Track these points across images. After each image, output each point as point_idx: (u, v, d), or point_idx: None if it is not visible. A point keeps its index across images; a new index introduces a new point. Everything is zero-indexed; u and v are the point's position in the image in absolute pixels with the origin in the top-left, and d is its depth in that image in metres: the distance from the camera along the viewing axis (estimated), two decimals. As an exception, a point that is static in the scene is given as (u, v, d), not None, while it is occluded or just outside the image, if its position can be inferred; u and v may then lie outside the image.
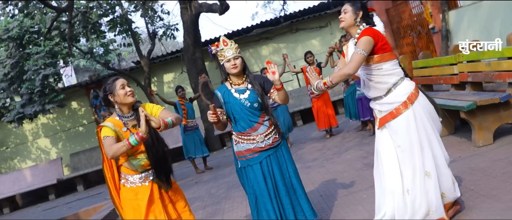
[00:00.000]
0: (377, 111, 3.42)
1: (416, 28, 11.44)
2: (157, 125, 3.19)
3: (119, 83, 3.42)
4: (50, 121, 14.52)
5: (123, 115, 3.46)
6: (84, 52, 14.62)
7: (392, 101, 3.31)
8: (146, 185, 3.47)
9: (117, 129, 3.38)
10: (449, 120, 6.14)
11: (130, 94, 3.42)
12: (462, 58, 6.29)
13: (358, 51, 3.19)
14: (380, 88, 3.33)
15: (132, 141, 3.15)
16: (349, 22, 3.38)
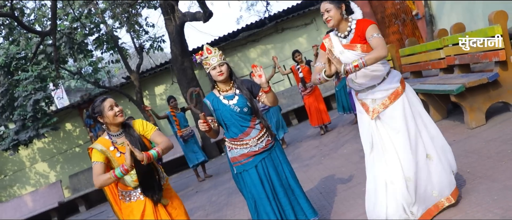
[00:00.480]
0: (369, 101, 3.37)
1: (400, 16, 11.48)
2: (140, 158, 3.18)
3: (108, 105, 3.43)
4: (46, 145, 14.46)
5: (113, 133, 3.48)
6: (73, 73, 14.59)
7: (387, 88, 3.33)
8: (141, 200, 3.49)
9: (105, 149, 3.40)
10: (441, 104, 6.17)
11: (119, 115, 3.44)
12: (448, 41, 6.32)
13: (378, 36, 3.18)
14: (376, 76, 3.33)
15: (117, 173, 3.19)
16: (337, 18, 3.32)
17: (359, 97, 3.47)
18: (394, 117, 3.32)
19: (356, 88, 3.44)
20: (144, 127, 3.53)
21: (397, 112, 3.32)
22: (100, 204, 12.39)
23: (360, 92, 3.43)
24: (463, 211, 3.31)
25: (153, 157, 3.27)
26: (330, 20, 3.33)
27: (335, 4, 3.33)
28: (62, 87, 20.29)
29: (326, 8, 3.33)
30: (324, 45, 3.46)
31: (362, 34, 3.29)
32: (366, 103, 3.42)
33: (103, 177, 3.27)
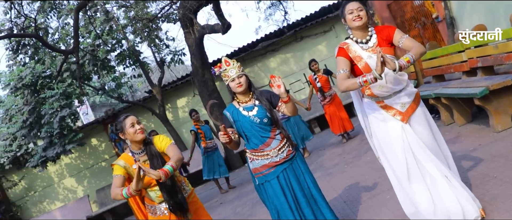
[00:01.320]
0: (399, 105, 3.36)
1: (420, 19, 11.35)
2: (157, 177, 3.19)
3: (129, 122, 3.51)
4: (73, 160, 14.72)
5: (135, 151, 3.55)
6: (97, 89, 14.85)
7: (412, 92, 3.39)
8: (165, 215, 3.55)
9: (127, 166, 3.50)
10: (465, 108, 6.06)
11: (140, 132, 3.52)
12: (470, 44, 6.22)
13: (408, 36, 3.27)
14: (403, 80, 3.37)
15: (123, 193, 3.23)
16: (365, 20, 3.34)
17: (386, 103, 3.41)
18: (420, 123, 3.38)
19: (384, 94, 3.39)
20: (160, 142, 3.60)
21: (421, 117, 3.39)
22: (127, 217, 12.51)
23: (387, 98, 3.40)
24: (490, 217, 3.24)
25: (170, 172, 3.27)
26: (361, 18, 3.31)
27: (364, 7, 3.36)
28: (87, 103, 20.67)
29: (358, 7, 3.32)
30: (346, 51, 3.38)
31: (388, 38, 3.32)
32: (395, 108, 3.38)
33: (115, 191, 3.34)
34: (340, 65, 3.34)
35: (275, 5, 14.75)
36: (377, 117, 3.45)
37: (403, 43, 3.25)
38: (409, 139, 3.34)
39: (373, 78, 3.02)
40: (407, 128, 3.35)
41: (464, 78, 6.40)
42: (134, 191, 3.17)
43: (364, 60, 3.33)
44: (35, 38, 11.24)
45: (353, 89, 3.25)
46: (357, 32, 3.39)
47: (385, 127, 3.42)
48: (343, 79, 3.25)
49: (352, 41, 3.43)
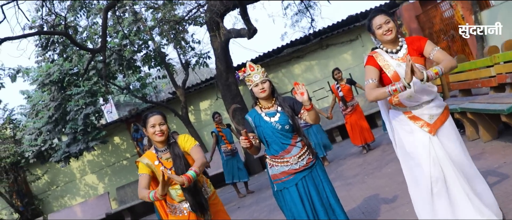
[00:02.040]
0: (427, 116, 3.32)
1: (449, 32, 11.19)
2: (181, 183, 3.25)
3: (151, 122, 3.56)
4: (95, 158, 14.93)
5: (158, 149, 3.60)
6: (122, 88, 15.05)
7: (441, 105, 3.36)
8: (185, 215, 3.57)
9: (150, 163, 3.55)
10: (491, 125, 5.93)
11: (159, 134, 3.55)
12: (499, 59, 6.10)
13: (439, 49, 3.26)
14: (431, 92, 3.33)
15: (150, 196, 3.27)
16: (396, 32, 3.34)
17: (414, 114, 3.36)
18: (449, 137, 3.32)
19: (412, 104, 3.34)
20: (185, 143, 3.62)
21: (450, 131, 3.34)
22: (146, 216, 12.62)
23: (415, 109, 3.35)
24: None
25: (193, 178, 3.31)
26: (391, 31, 3.30)
27: (391, 18, 3.34)
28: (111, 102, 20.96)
29: (385, 20, 3.31)
30: (375, 60, 3.37)
31: (418, 49, 3.30)
32: (423, 120, 3.33)
33: (143, 193, 3.38)
34: (369, 75, 3.33)
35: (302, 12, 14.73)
36: (404, 128, 3.40)
37: (434, 55, 3.23)
38: (437, 152, 3.28)
39: (402, 86, 3.02)
40: (435, 140, 3.30)
41: (492, 94, 6.27)
42: (160, 196, 3.22)
43: (393, 68, 3.30)
44: (64, 36, 11.47)
45: (382, 98, 3.23)
46: (388, 44, 3.39)
47: (412, 138, 3.36)
48: (372, 89, 3.24)
49: (382, 50, 3.41)
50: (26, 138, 13.54)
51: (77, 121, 12.32)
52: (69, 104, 12.33)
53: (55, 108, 12.54)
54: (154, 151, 3.63)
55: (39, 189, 14.86)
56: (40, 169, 14.53)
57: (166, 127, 3.60)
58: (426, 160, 3.29)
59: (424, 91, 3.31)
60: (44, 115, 12.71)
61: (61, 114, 12.59)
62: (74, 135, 12.47)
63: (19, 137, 14.50)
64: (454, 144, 3.32)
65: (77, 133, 12.40)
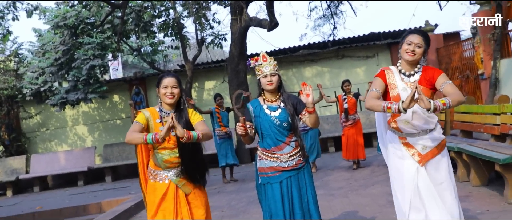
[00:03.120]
0: (420, 146, 3.32)
1: (465, 71, 11.16)
2: (181, 135, 3.27)
3: (164, 83, 3.58)
4: (90, 110, 14.95)
5: (164, 110, 3.63)
6: (133, 49, 15.02)
7: (438, 138, 3.35)
8: (166, 183, 3.56)
9: (150, 117, 3.56)
10: (484, 171, 5.93)
11: (169, 96, 3.57)
12: (507, 109, 6.10)
13: (451, 82, 3.26)
14: (430, 122, 3.33)
15: (148, 138, 3.29)
16: (418, 58, 3.33)
17: (408, 141, 3.38)
18: (439, 169, 3.31)
19: (408, 131, 3.36)
20: (192, 115, 3.67)
21: (443, 163, 3.33)
22: (126, 179, 12.67)
23: (410, 136, 3.36)
24: None
25: (193, 137, 3.35)
26: (415, 55, 3.30)
27: (426, 47, 3.34)
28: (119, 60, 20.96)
29: (418, 43, 3.30)
30: (385, 75, 3.40)
31: (431, 79, 3.30)
32: (415, 149, 3.34)
33: (135, 134, 3.38)
34: (374, 84, 3.39)
35: (327, 18, 14.68)
36: (396, 152, 3.42)
37: (445, 88, 3.23)
38: (420, 183, 3.29)
39: (397, 108, 3.01)
40: (422, 171, 3.31)
41: (492, 141, 6.27)
42: (161, 138, 3.24)
43: (397, 90, 3.31)
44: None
45: (376, 110, 3.24)
46: (405, 64, 3.40)
47: (401, 165, 3.38)
48: (371, 98, 3.29)
49: (396, 69, 3.42)
50: (28, 75, 13.53)
51: (81, 70, 12.31)
52: (78, 52, 12.31)
53: (63, 52, 12.52)
54: (158, 110, 3.63)
55: (29, 127, 14.89)
56: (35, 108, 14.55)
57: (178, 91, 3.61)
58: (409, 188, 3.31)
59: (423, 121, 3.32)
60: (51, 56, 12.70)
61: (67, 59, 12.57)
62: (75, 83, 12.46)
63: (21, 72, 14.50)
64: (441, 176, 3.32)
65: (79, 81, 12.38)
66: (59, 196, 11.13)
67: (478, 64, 10.24)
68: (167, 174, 3.57)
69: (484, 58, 9.98)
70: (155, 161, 3.61)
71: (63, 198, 10.57)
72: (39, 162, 13.40)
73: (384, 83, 3.37)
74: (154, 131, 3.50)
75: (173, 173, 3.58)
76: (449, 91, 3.19)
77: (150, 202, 3.61)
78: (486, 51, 9.94)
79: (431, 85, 3.31)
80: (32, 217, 8.42)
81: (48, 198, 10.97)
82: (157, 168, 3.60)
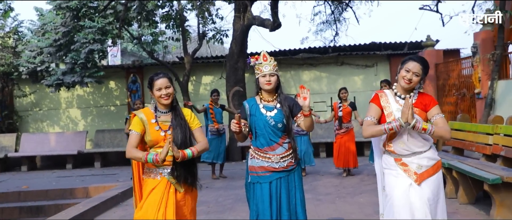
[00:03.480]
0: (415, 165, 3.35)
1: (462, 89, 11.20)
2: (176, 156, 3.36)
3: (157, 85, 3.54)
4: (85, 94, 14.88)
5: (159, 109, 3.61)
6: (133, 37, 14.98)
7: (433, 158, 3.39)
8: (157, 179, 3.53)
9: (145, 120, 3.54)
10: (472, 189, 5.96)
11: (165, 98, 3.55)
12: (500, 130, 6.12)
13: (443, 117, 3.36)
14: (425, 144, 3.37)
15: (148, 158, 3.38)
16: (414, 86, 3.38)
17: (404, 161, 3.41)
18: (431, 190, 3.34)
19: (403, 152, 3.39)
20: (191, 120, 3.67)
21: (435, 184, 3.37)
22: (115, 167, 12.62)
23: (405, 157, 3.40)
24: None
25: (187, 156, 3.41)
26: (410, 83, 3.34)
27: (423, 75, 3.37)
28: (119, 46, 20.89)
29: (416, 72, 3.33)
30: (379, 99, 3.46)
31: (426, 106, 3.37)
32: (411, 168, 3.37)
33: (135, 153, 3.44)
34: (370, 112, 3.46)
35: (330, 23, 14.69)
36: (391, 172, 3.46)
37: (436, 120, 3.32)
38: (413, 200, 3.31)
39: (398, 125, 3.13)
40: (415, 188, 3.33)
41: (482, 161, 6.30)
42: (161, 159, 3.33)
43: (390, 110, 3.37)
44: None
45: (377, 135, 3.31)
46: (401, 88, 3.46)
47: (395, 182, 3.41)
48: (369, 126, 3.38)
49: (391, 93, 3.49)
50: (26, 53, 13.45)
51: (80, 53, 12.25)
52: (78, 35, 12.24)
53: (63, 34, 12.45)
54: (153, 110, 3.60)
55: (22, 106, 14.80)
56: (30, 87, 14.47)
57: (172, 90, 3.58)
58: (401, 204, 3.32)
59: (418, 142, 3.36)
60: (50, 36, 12.62)
61: (67, 41, 12.49)
62: (73, 66, 12.39)
63: (19, 50, 14.41)
64: (434, 197, 3.35)
65: (76, 64, 12.32)
66: (47, 177, 11.08)
67: (475, 83, 10.27)
68: (161, 171, 3.54)
69: (482, 77, 10.02)
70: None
71: (50, 179, 10.52)
72: (29, 141, 13.33)
73: (380, 108, 3.45)
74: (150, 131, 3.50)
75: (167, 171, 3.55)
76: (439, 124, 3.29)
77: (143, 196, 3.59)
78: (484, 71, 9.98)
79: (425, 111, 3.38)
80: (18, 196, 8.37)
81: (35, 178, 10.91)
82: (152, 166, 3.56)
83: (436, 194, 3.36)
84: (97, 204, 6.67)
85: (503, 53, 9.74)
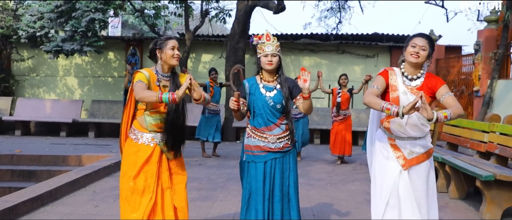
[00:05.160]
0: (407, 151, 3.35)
1: (461, 86, 11.21)
2: (198, 97, 3.30)
3: (171, 44, 3.55)
4: (84, 63, 14.80)
5: (162, 73, 3.60)
6: (136, 9, 14.85)
7: (425, 146, 3.37)
8: (150, 146, 3.54)
9: (151, 80, 3.51)
10: (463, 184, 5.99)
11: (176, 58, 3.57)
12: (497, 129, 6.14)
13: (451, 94, 3.31)
14: (422, 131, 3.34)
15: (164, 97, 3.20)
16: (422, 61, 3.33)
17: (396, 143, 3.40)
18: (420, 176, 3.35)
19: (399, 134, 3.37)
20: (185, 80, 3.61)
21: (423, 172, 3.36)
22: (109, 138, 12.61)
23: (399, 139, 3.38)
24: None
25: (206, 100, 3.43)
26: (419, 58, 3.30)
27: (430, 50, 3.33)
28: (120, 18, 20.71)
29: (422, 45, 3.30)
30: (388, 75, 3.41)
31: (433, 87, 3.32)
32: (402, 152, 3.36)
33: (148, 92, 3.31)
34: (376, 82, 3.41)
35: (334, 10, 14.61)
36: (382, 152, 3.44)
37: (446, 99, 3.26)
38: (401, 186, 3.32)
39: (395, 112, 3.04)
40: (404, 175, 3.33)
41: (476, 158, 6.33)
42: (179, 97, 3.19)
43: (397, 93, 3.32)
44: None
45: (373, 107, 3.26)
46: (408, 67, 3.40)
47: (385, 164, 3.41)
48: (371, 94, 3.29)
49: (399, 71, 3.43)
50: (26, 17, 13.30)
51: (80, 21, 12.12)
52: (80, 2, 12.10)
53: (65, 1, 12.32)
54: (155, 72, 3.57)
55: (20, 70, 14.71)
56: (28, 52, 14.35)
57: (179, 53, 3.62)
58: (388, 189, 3.35)
59: (415, 128, 3.33)
60: (52, 2, 12.48)
61: (68, 8, 12.35)
62: (73, 34, 12.28)
63: (19, 14, 14.26)
64: (423, 185, 3.35)
65: (77, 32, 12.21)
66: (40, 143, 11.06)
67: (475, 81, 10.28)
68: (154, 136, 3.55)
69: (482, 76, 10.03)
70: (142, 123, 3.57)
71: (44, 145, 10.50)
72: (25, 106, 13.27)
73: (386, 83, 3.39)
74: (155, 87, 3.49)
75: (159, 137, 3.55)
76: (450, 103, 3.22)
77: (131, 162, 3.56)
78: (485, 69, 9.98)
79: (432, 94, 3.33)
80: (10, 159, 8.36)
81: (28, 143, 10.90)
82: (143, 130, 3.56)
83: (425, 181, 3.36)
84: (90, 173, 6.67)
85: (505, 52, 9.74)
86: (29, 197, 5.11)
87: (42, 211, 5.09)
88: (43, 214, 4.97)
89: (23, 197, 5.09)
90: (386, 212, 3.35)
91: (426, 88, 3.33)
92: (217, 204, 5.59)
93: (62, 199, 5.65)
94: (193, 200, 5.67)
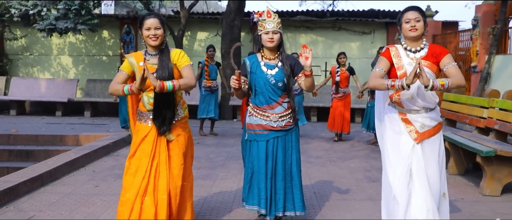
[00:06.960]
0: (419, 124, 3.33)
1: (458, 62, 11.19)
2: (154, 85, 3.23)
3: (147, 24, 3.46)
4: (78, 42, 14.62)
5: (148, 52, 3.56)
6: (129, -14, 14.64)
7: (436, 118, 3.38)
8: (148, 126, 3.52)
9: (135, 63, 3.49)
10: (462, 160, 6.01)
11: (153, 38, 3.47)
12: (496, 104, 6.14)
13: (456, 65, 3.29)
14: (432, 102, 3.35)
15: (125, 89, 3.32)
16: (421, 32, 3.32)
17: (408, 117, 3.37)
18: (432, 150, 3.35)
19: (410, 107, 3.35)
20: (179, 57, 3.54)
21: (435, 145, 3.37)
22: (105, 117, 12.55)
23: (410, 112, 3.37)
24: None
25: (167, 88, 3.29)
26: (417, 29, 3.29)
27: (424, 19, 3.33)
28: (113, -5, 20.38)
29: (415, 17, 3.29)
30: (389, 53, 3.39)
31: (438, 56, 3.30)
32: (414, 126, 3.34)
33: (115, 86, 3.41)
34: (379, 64, 3.39)
35: (331, -14, 14.44)
36: (393, 127, 3.43)
37: (449, 69, 3.25)
38: (415, 162, 3.32)
39: (400, 85, 3.06)
40: (417, 149, 3.33)
41: (475, 133, 6.34)
42: (136, 89, 3.22)
43: (404, 70, 3.29)
44: None
45: (380, 89, 3.26)
46: (410, 42, 3.38)
47: (398, 140, 3.39)
48: (375, 77, 3.31)
49: (402, 47, 3.41)
50: (18, -5, 13.07)
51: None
52: (73, -21, 11.91)
53: (57, -23, 12.10)
54: (144, 52, 3.56)
55: (13, 50, 14.52)
56: (21, 31, 14.13)
57: (161, 32, 3.48)
58: (403, 164, 3.33)
59: (426, 99, 3.33)
60: (44, -21, 12.26)
61: (60, -14, 12.15)
62: (66, 12, 12.10)
63: (11, -9, 14.01)
64: (434, 158, 3.36)
65: (70, 10, 12.03)
66: (36, 122, 10.99)
67: (472, 57, 10.26)
68: (151, 116, 3.53)
69: (480, 51, 10.00)
70: (143, 103, 3.58)
71: (40, 125, 10.44)
72: (19, 85, 13.15)
73: (389, 62, 3.37)
74: (139, 73, 3.39)
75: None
76: (452, 73, 3.21)
77: (133, 142, 3.62)
78: (483, 45, 9.95)
79: (437, 62, 3.31)
80: (7, 139, 8.30)
81: (24, 123, 10.83)
82: (143, 109, 3.58)
83: (436, 154, 3.36)
84: (88, 152, 6.64)
85: (503, 28, 9.70)
86: (29, 177, 5.07)
87: (43, 190, 5.07)
88: (44, 194, 4.95)
89: (23, 177, 5.06)
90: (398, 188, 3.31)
91: (431, 57, 3.32)
92: (217, 183, 5.59)
93: (62, 178, 5.62)
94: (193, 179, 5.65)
